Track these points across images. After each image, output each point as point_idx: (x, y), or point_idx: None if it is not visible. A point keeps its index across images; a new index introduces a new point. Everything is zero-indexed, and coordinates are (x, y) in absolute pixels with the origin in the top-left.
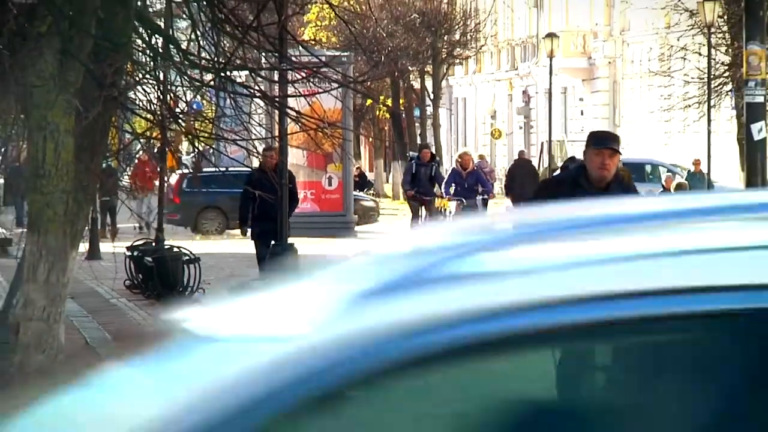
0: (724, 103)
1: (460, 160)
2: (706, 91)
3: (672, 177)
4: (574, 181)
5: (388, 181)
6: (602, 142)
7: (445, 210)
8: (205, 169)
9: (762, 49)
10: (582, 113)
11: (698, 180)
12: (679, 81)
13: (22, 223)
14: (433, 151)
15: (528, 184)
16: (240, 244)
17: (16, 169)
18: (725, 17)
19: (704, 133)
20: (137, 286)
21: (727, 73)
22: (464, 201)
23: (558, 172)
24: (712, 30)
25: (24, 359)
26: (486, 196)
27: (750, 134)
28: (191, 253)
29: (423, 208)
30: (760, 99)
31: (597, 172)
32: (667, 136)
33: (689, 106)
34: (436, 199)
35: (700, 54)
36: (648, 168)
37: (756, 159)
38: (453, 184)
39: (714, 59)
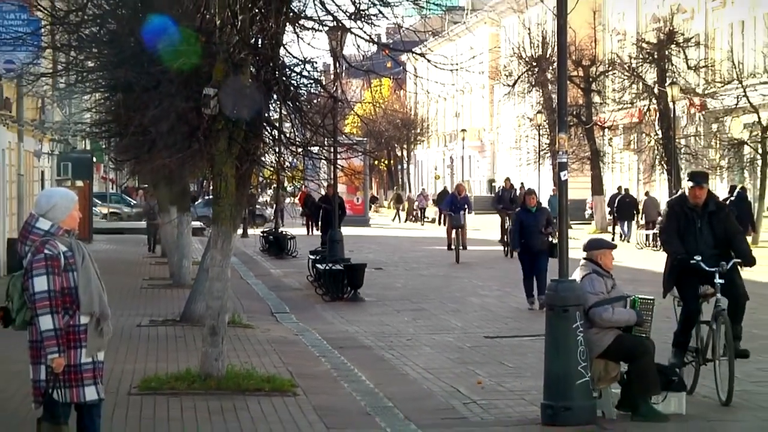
0: (547, 162)
1: (456, 188)
2: (538, 157)
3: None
4: (684, 203)
5: (386, 199)
6: (694, 179)
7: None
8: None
9: (565, 135)
10: (478, 167)
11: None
12: (525, 152)
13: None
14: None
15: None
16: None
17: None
18: (548, 121)
19: (536, 177)
20: (265, 250)
21: (547, 148)
22: (452, 214)
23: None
24: (540, 126)
25: (210, 285)
26: (466, 212)
27: (560, 177)
28: (291, 234)
29: (507, 217)
30: (564, 160)
31: (692, 200)
32: (519, 179)
33: (530, 164)
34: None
35: (534, 138)
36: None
37: (563, 191)
38: (450, 203)
39: (541, 141)
